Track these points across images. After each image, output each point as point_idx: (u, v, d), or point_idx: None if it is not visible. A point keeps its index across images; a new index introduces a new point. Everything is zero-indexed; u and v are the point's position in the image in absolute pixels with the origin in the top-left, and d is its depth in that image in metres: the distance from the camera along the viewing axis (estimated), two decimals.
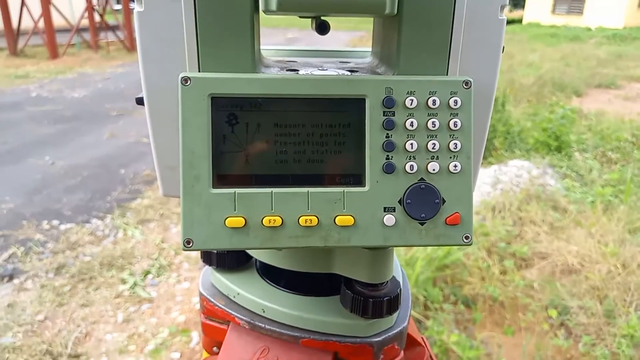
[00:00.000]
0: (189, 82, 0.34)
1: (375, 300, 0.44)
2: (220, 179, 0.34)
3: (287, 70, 0.43)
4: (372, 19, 0.47)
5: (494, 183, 3.04)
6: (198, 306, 1.99)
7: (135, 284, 2.20)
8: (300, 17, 0.40)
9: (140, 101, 0.40)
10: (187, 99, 0.34)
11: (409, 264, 2.09)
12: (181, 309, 2.05)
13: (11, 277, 2.23)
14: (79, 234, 2.62)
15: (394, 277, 0.48)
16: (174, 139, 0.37)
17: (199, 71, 0.36)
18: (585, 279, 2.17)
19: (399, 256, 2.10)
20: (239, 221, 0.34)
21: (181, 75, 0.34)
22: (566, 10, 19.01)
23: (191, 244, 0.34)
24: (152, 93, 0.38)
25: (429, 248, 2.15)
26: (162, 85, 0.37)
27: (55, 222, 2.74)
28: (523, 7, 21.80)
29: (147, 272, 2.30)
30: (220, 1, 0.34)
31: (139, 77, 0.37)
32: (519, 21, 19.83)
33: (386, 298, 0.44)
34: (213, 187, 0.34)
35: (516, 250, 2.38)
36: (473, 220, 0.36)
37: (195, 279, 2.26)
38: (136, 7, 0.36)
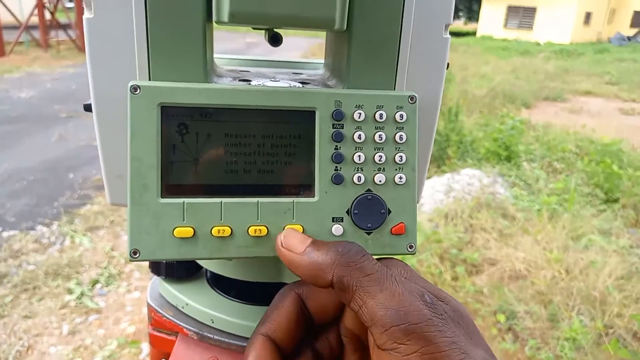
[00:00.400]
0: (138, 90, 0.33)
1: None
2: (169, 188, 0.34)
3: (240, 80, 0.43)
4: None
5: (446, 191, 3.12)
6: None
7: (82, 294, 2.12)
8: (253, 29, 0.41)
9: (88, 108, 0.39)
10: (136, 108, 0.33)
11: None
12: (131, 319, 1.99)
13: None
14: (22, 241, 2.50)
15: None
16: (122, 147, 0.36)
17: (150, 80, 0.36)
18: (531, 285, 2.25)
19: None
20: (187, 231, 0.34)
21: (130, 83, 0.33)
22: (517, 24, 19.85)
23: (138, 255, 0.33)
24: (100, 100, 0.37)
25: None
26: (111, 93, 0.37)
27: None
28: (477, 20, 22.60)
29: (95, 282, 2.22)
30: (172, 9, 0.34)
31: None
32: (473, 34, 20.55)
33: None
34: (161, 197, 0.34)
35: (467, 256, 2.45)
36: (417, 230, 0.38)
37: (146, 288, 2.19)
38: (85, 13, 0.35)
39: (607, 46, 16.60)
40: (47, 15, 9.70)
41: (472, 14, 27.05)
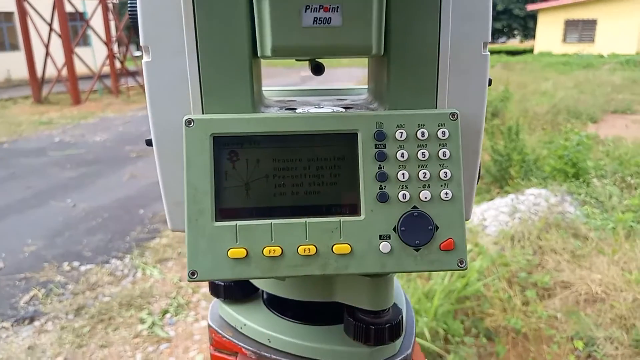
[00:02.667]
0: (192, 123, 0.36)
1: (376, 327, 0.45)
2: (222, 212, 0.36)
3: (286, 109, 0.46)
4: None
5: (511, 212, 3.00)
6: None
7: (153, 324, 2.20)
8: (297, 60, 0.43)
9: (149, 142, 0.43)
10: (190, 139, 0.36)
11: (427, 297, 2.06)
12: (199, 347, 2.04)
13: (32, 320, 2.26)
14: (98, 274, 2.65)
15: (395, 304, 0.48)
16: (180, 177, 0.39)
17: (203, 113, 0.39)
18: (610, 308, 2.10)
19: (416, 289, 2.07)
20: (240, 252, 0.36)
21: (185, 117, 0.36)
22: (577, 38, 19.10)
23: (196, 275, 0.36)
24: (159, 135, 0.41)
25: (447, 280, 2.12)
26: (168, 128, 0.40)
27: (75, 264, 2.78)
28: (534, 37, 21.99)
29: (165, 311, 2.30)
30: (221, 50, 0.37)
31: None
32: (530, 51, 19.97)
33: (387, 325, 0.45)
34: (216, 221, 0.36)
35: (538, 280, 2.33)
36: (466, 246, 0.38)
37: None
38: (144, 58, 0.39)
39: None
40: (117, 65, 10.46)
41: (528, 32, 26.36)
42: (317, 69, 0.44)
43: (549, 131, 5.24)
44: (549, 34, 19.63)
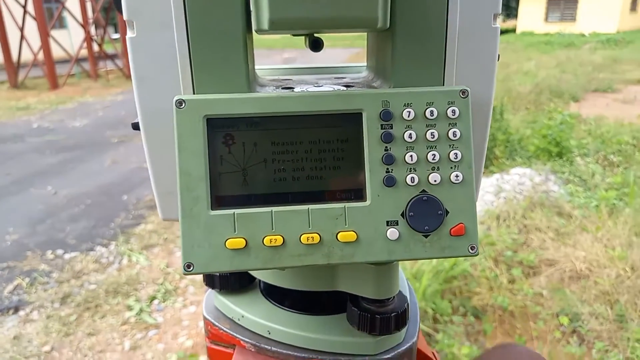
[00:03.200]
0: (183, 104, 0.34)
1: (382, 316, 0.43)
2: (219, 200, 0.34)
3: (283, 88, 0.43)
4: (366, 34, 0.47)
5: (496, 192, 3.03)
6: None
7: (141, 310, 2.19)
8: (294, 35, 0.41)
9: (136, 126, 0.40)
10: (182, 122, 0.33)
11: (415, 277, 2.07)
12: (188, 333, 2.03)
13: (17, 309, 2.22)
14: (83, 262, 2.61)
15: (400, 292, 0.47)
16: (171, 163, 0.37)
17: (194, 94, 0.36)
18: (594, 285, 2.14)
19: (404, 269, 2.08)
20: (239, 242, 0.33)
21: (175, 98, 0.34)
22: (559, 17, 19.19)
23: (192, 268, 0.33)
24: (147, 118, 0.38)
25: (435, 260, 2.14)
26: (157, 110, 0.37)
27: (59, 252, 2.74)
28: (516, 16, 22.03)
29: (152, 298, 2.28)
30: (212, 23, 0.34)
31: None
32: (513, 30, 20.01)
33: (393, 314, 0.43)
34: (212, 209, 0.34)
35: (523, 258, 2.36)
36: (478, 230, 0.36)
37: (201, 303, 2.24)
38: (128, 33, 0.36)
39: None
40: (95, 48, 10.21)
41: (510, 11, 26.38)
42: (316, 45, 0.41)
43: (533, 111, 5.28)
44: (531, 13, 19.67)
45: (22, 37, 9.02)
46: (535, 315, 2.01)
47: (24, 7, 8.94)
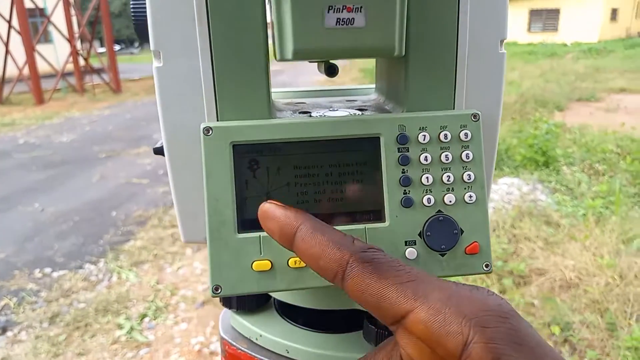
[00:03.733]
0: (210, 132, 0.34)
1: None
2: (245, 223, 0.35)
3: (300, 112, 0.45)
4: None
5: None
6: (197, 347, 1.94)
7: (132, 329, 2.16)
8: (310, 61, 0.42)
9: (158, 151, 0.41)
10: (209, 148, 0.34)
11: None
12: (180, 350, 2.01)
13: (4, 330, 2.18)
14: (72, 280, 2.58)
15: None
16: (195, 186, 0.38)
17: (217, 120, 0.37)
18: (584, 293, 2.17)
19: None
20: (265, 264, 0.34)
21: (203, 125, 0.34)
22: (541, 27, 19.57)
23: (220, 290, 0.34)
24: (172, 143, 0.39)
25: None
26: (182, 135, 0.38)
27: (47, 270, 2.70)
28: None
29: (143, 316, 2.26)
30: (236, 53, 0.36)
31: (125, 118, 0.38)
32: None
33: None
34: (238, 232, 0.34)
35: (513, 267, 2.39)
36: (491, 248, 0.37)
37: (193, 319, 2.22)
38: (154, 63, 0.37)
39: (637, 41, 16.14)
40: (82, 62, 10.16)
41: None
42: (331, 71, 0.43)
43: (518, 120, 5.35)
44: (514, 24, 20.03)
45: (7, 51, 8.95)
46: None
47: (9, 21, 8.88)
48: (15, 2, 8.37)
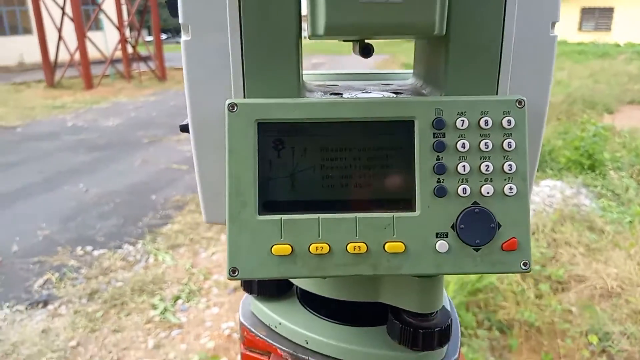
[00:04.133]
0: (235, 108, 0.34)
1: (425, 331, 0.41)
2: (267, 205, 0.34)
3: (331, 94, 0.43)
4: (413, 41, 0.46)
5: None
6: (227, 332, 1.97)
7: (165, 310, 2.22)
8: (344, 41, 0.40)
9: (184, 128, 0.40)
10: (233, 125, 0.33)
11: None
12: (210, 334, 2.05)
13: (46, 303, 2.28)
14: (111, 259, 2.67)
15: (443, 306, 0.45)
16: (219, 166, 0.37)
17: (244, 97, 0.36)
18: (626, 303, 2.07)
19: None
20: (285, 249, 0.33)
21: (228, 101, 0.34)
22: (593, 27, 18.75)
23: (237, 273, 0.33)
24: (197, 120, 0.38)
25: None
26: (208, 113, 0.37)
27: (88, 248, 2.80)
28: None
29: (177, 298, 2.31)
30: (266, 28, 0.35)
31: (169, 105, 0.37)
32: None
33: (437, 329, 0.41)
34: (259, 214, 0.33)
35: (552, 273, 2.31)
36: (531, 245, 0.34)
37: (224, 304, 2.26)
38: (183, 36, 0.36)
39: None
40: (129, 49, 10.45)
41: None
42: (366, 51, 0.40)
43: (564, 121, 5.16)
44: (564, 22, 19.27)
45: (60, 37, 9.31)
46: (563, 332, 1.96)
47: (63, 9, 9.23)
48: None
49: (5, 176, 4.14)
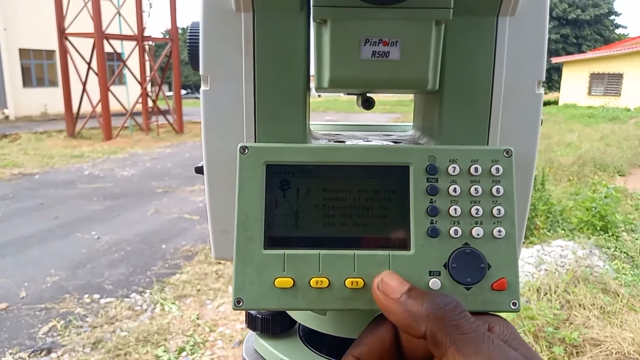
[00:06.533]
0: (246, 151, 0.37)
1: None
2: (271, 240, 0.36)
3: (335, 141, 0.46)
4: (411, 98, 0.50)
5: (537, 263, 2.92)
6: None
7: None
8: (348, 94, 0.44)
9: (199, 170, 0.43)
10: (244, 166, 0.37)
11: None
12: None
13: (49, 351, 2.26)
14: (117, 308, 2.65)
15: None
16: (229, 205, 0.40)
17: (255, 142, 0.40)
18: None
19: None
20: (287, 282, 0.35)
21: (240, 144, 0.37)
22: (603, 91, 19.05)
23: (241, 303, 0.35)
24: (211, 162, 0.41)
25: None
26: (221, 154, 0.41)
27: (95, 296, 2.79)
28: (558, 89, 22.03)
29: (181, 350, 2.27)
30: (277, 81, 0.39)
31: (184, 157, 0.41)
32: (555, 102, 19.95)
33: None
34: (264, 248, 0.36)
35: (566, 335, 2.24)
36: (519, 286, 0.36)
37: (229, 358, 2.21)
38: (202, 86, 0.40)
39: None
40: (149, 103, 10.82)
41: (553, 83, 26.47)
42: (367, 104, 0.44)
43: (575, 182, 5.15)
44: (573, 87, 19.63)
45: (84, 90, 9.69)
46: None
47: (89, 64, 9.67)
48: (96, 47, 9.13)
49: (22, 221, 4.21)
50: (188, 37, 0.42)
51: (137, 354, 2.23)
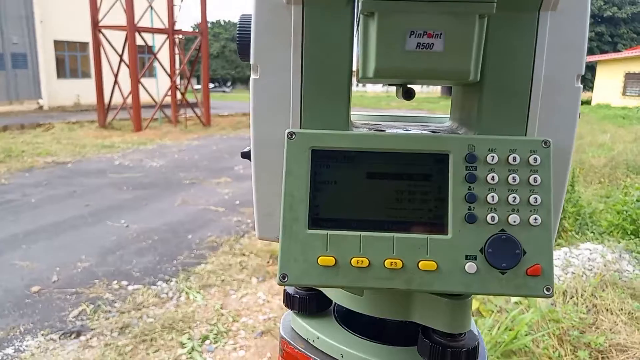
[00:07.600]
0: (293, 136, 0.39)
1: (453, 350, 0.43)
2: (315, 221, 0.38)
3: (375, 130, 0.48)
4: (438, 94, 0.51)
5: (564, 266, 2.87)
6: None
7: (193, 349, 2.23)
8: (390, 85, 0.46)
9: (244, 155, 0.46)
10: (291, 151, 0.39)
11: None
12: None
13: (78, 334, 2.34)
14: (144, 295, 2.72)
15: (471, 330, 0.47)
16: (274, 188, 0.42)
17: (301, 128, 0.42)
18: None
19: None
20: (329, 260, 0.37)
21: (287, 130, 0.39)
22: (638, 92, 18.46)
23: (286, 279, 0.37)
24: (259, 147, 0.44)
25: (494, 331, 2.04)
26: (268, 140, 0.43)
27: (124, 283, 2.87)
28: (592, 89, 21.45)
29: (205, 338, 2.32)
30: (324, 72, 0.41)
31: (211, 149, 0.43)
32: (588, 102, 19.44)
33: (464, 349, 0.44)
34: (309, 228, 0.38)
35: (591, 340, 2.20)
36: (553, 273, 0.37)
37: (251, 348, 2.25)
38: (252, 75, 0.43)
39: None
40: (178, 96, 10.99)
41: (586, 83, 25.82)
42: (408, 94, 0.46)
43: (607, 185, 5.03)
44: (607, 86, 19.08)
45: (116, 82, 9.91)
46: None
47: (121, 55, 9.88)
48: (128, 40, 9.32)
49: (56, 208, 4.35)
50: (238, 29, 0.44)
51: (162, 340, 2.28)
